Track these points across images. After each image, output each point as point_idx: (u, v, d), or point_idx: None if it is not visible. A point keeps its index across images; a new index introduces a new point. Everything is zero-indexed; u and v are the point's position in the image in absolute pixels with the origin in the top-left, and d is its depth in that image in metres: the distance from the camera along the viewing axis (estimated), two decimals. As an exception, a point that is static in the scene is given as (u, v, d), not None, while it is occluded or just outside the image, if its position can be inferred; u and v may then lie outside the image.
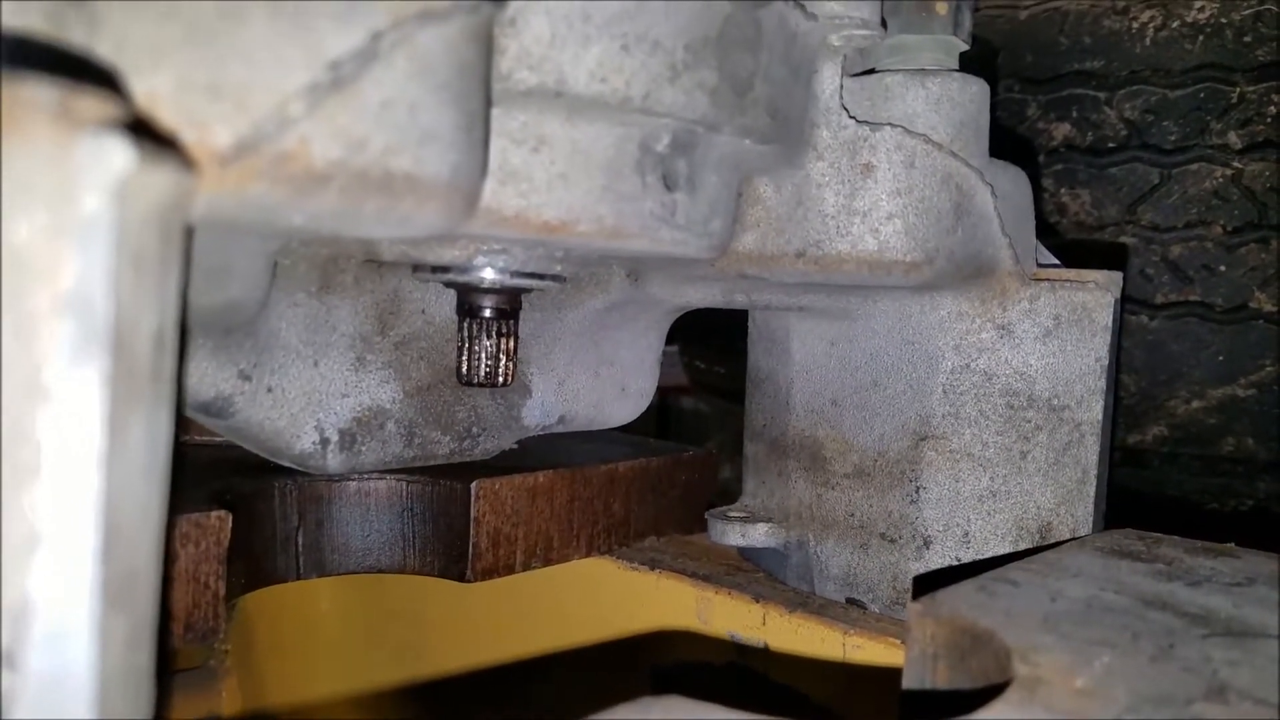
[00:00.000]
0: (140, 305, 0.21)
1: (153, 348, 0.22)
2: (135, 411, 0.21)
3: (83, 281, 0.19)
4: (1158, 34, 0.88)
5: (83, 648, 0.20)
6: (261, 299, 0.46)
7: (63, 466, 0.19)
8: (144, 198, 0.21)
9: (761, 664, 0.60)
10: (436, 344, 0.60)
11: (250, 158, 0.26)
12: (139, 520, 0.22)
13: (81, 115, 0.19)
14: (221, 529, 0.49)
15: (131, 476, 0.21)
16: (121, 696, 0.22)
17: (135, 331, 0.21)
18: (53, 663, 0.20)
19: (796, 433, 0.63)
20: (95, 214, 0.19)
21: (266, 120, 0.26)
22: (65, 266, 0.19)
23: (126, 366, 0.21)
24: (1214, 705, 0.33)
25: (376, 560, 0.61)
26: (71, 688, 0.20)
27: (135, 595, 0.22)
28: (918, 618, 0.41)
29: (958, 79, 0.52)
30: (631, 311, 0.68)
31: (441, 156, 0.32)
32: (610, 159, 0.42)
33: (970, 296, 0.55)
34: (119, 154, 0.20)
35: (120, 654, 0.21)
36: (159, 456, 0.24)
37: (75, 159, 0.19)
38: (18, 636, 0.19)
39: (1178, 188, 0.88)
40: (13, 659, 0.19)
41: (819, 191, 0.52)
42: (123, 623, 0.21)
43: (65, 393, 0.19)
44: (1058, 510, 0.57)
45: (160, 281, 0.22)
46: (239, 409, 0.51)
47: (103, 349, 0.20)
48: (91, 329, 0.19)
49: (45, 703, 0.20)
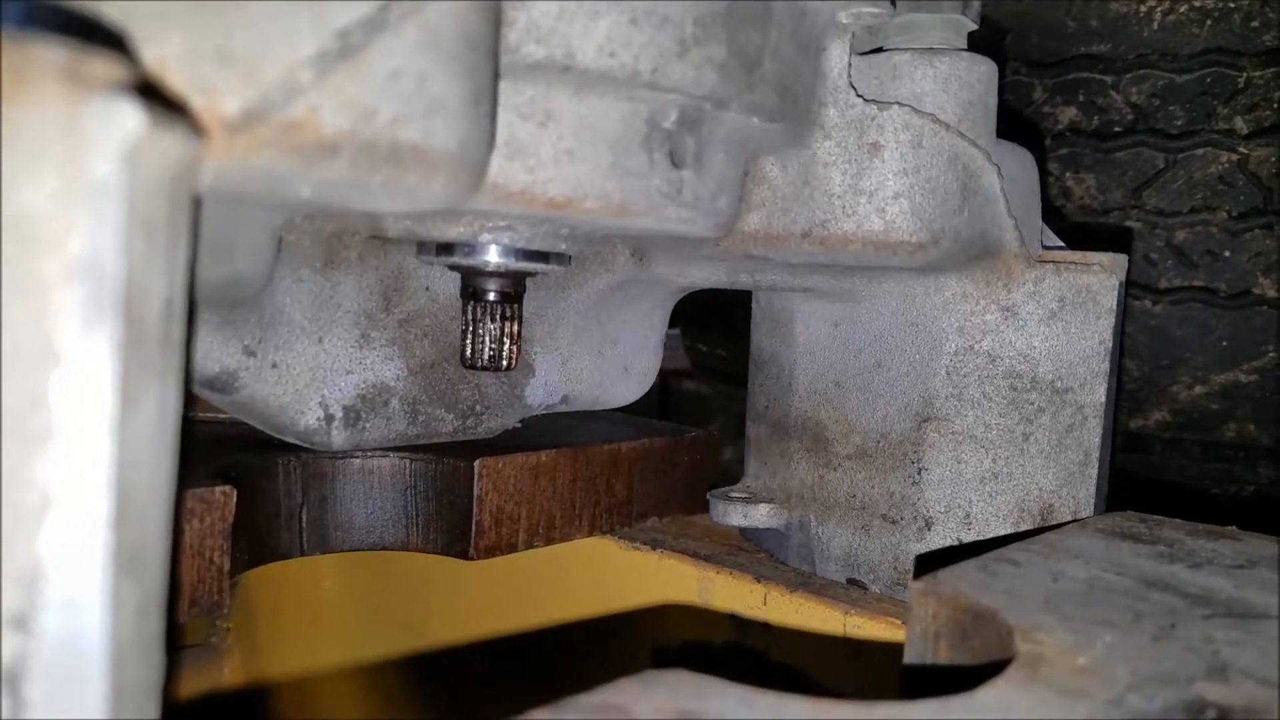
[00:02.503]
0: (150, 272, 0.21)
1: (162, 316, 0.22)
2: (146, 379, 0.21)
3: (93, 247, 0.19)
4: (1165, 18, 0.88)
5: (96, 613, 0.20)
6: (266, 274, 0.46)
7: (75, 432, 0.19)
8: (154, 163, 0.20)
9: (762, 643, 0.61)
10: (440, 322, 0.60)
11: (259, 126, 0.26)
12: (149, 489, 0.22)
13: (92, 77, 0.19)
14: (226, 504, 0.50)
15: (142, 444, 0.21)
16: (134, 663, 0.22)
17: (145, 298, 0.21)
18: (66, 627, 0.20)
19: (799, 414, 0.63)
20: (106, 178, 0.19)
21: (275, 88, 0.25)
22: (75, 232, 0.19)
23: (137, 333, 0.21)
24: (1216, 684, 0.33)
25: (380, 537, 0.61)
26: (85, 653, 0.20)
27: (146, 563, 0.22)
28: (919, 596, 0.41)
29: (966, 58, 0.52)
30: (636, 291, 0.67)
31: (449, 128, 0.32)
32: (617, 135, 0.42)
33: (975, 278, 0.55)
34: (130, 117, 0.19)
35: (132, 621, 0.21)
36: (169, 426, 0.24)
37: (85, 122, 0.19)
38: (30, 601, 0.19)
39: (1183, 173, 0.87)
40: (25, 623, 0.19)
41: (826, 171, 0.51)
42: (134, 589, 0.21)
43: (77, 358, 0.19)
44: (1059, 492, 0.57)
45: (170, 249, 0.22)
46: (244, 384, 0.51)
47: (114, 314, 0.19)
48: (102, 294, 0.19)
49: (59, 667, 0.20)
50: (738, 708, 0.29)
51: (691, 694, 0.30)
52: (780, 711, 0.29)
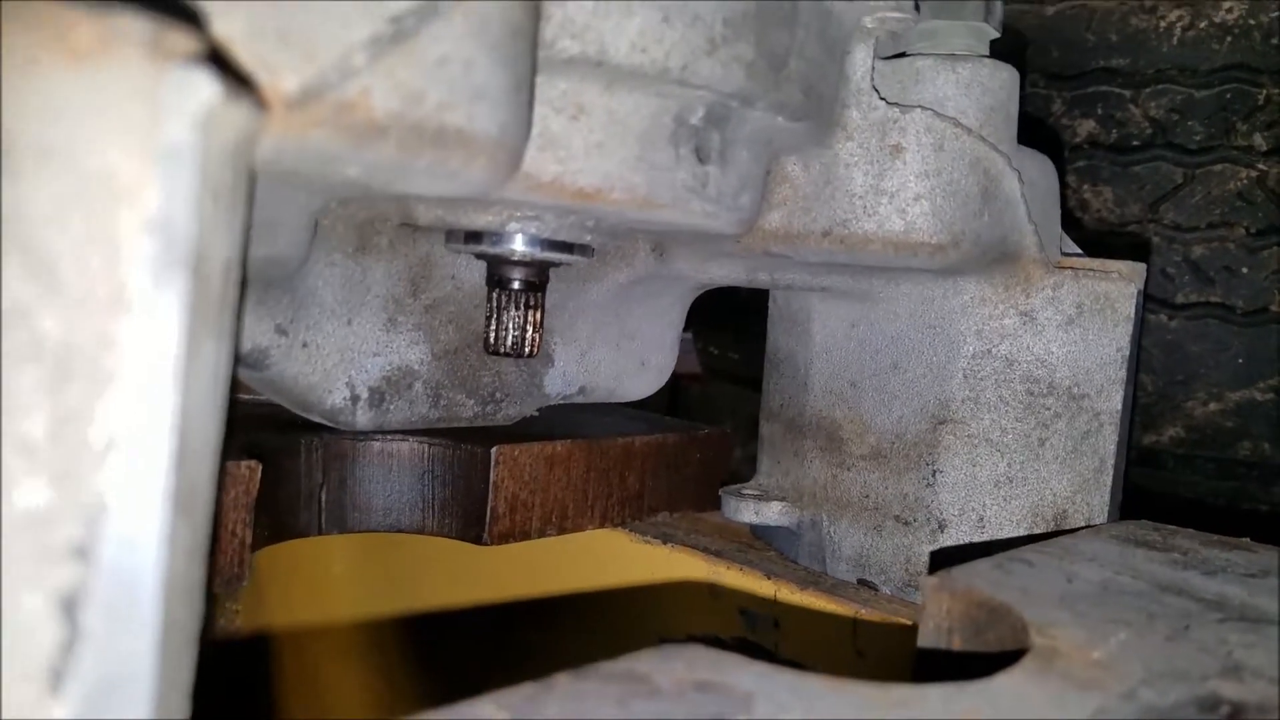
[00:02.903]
0: (215, 234, 0.22)
1: (223, 277, 0.23)
2: (206, 335, 0.22)
3: (167, 204, 0.20)
4: (1185, 33, 0.88)
5: (152, 550, 0.21)
6: (303, 256, 0.47)
7: (143, 375, 0.21)
8: (223, 131, 0.22)
9: (771, 640, 0.61)
10: (465, 309, 0.61)
11: (314, 105, 0.27)
12: (204, 438, 0.23)
13: (172, 48, 0.20)
14: (251, 479, 0.51)
15: (200, 395, 0.22)
16: (181, 604, 0.23)
17: (209, 258, 0.22)
18: (124, 562, 0.21)
19: (814, 413, 0.63)
20: (181, 142, 0.20)
21: (331, 69, 0.27)
22: (151, 189, 0.20)
23: (201, 290, 0.22)
24: (1229, 682, 0.33)
25: (396, 520, 0.62)
26: (140, 587, 0.21)
27: (196, 509, 0.23)
28: (934, 591, 0.42)
29: (988, 65, 0.53)
30: (655, 287, 0.68)
31: (491, 114, 0.33)
32: (646, 129, 0.43)
33: (994, 282, 0.56)
34: (205, 86, 0.21)
35: (183, 562, 0.22)
36: (221, 385, 0.25)
37: (165, 89, 0.20)
38: (91, 533, 0.21)
39: (1201, 188, 0.88)
40: (85, 553, 0.21)
41: (847, 171, 0.52)
42: (187, 531, 0.22)
43: (147, 306, 0.20)
44: (1074, 498, 0.57)
45: (231, 215, 0.23)
46: (274, 362, 0.52)
47: (183, 269, 0.21)
48: (173, 250, 0.20)
49: (115, 600, 0.21)
50: (757, 681, 0.30)
51: (709, 666, 0.30)
52: (798, 686, 0.30)
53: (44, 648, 0.22)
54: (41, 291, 0.20)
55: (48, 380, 0.20)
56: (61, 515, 0.21)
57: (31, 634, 0.22)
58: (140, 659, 0.22)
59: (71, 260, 0.20)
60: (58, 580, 0.22)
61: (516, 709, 0.27)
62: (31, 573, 0.21)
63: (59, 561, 0.21)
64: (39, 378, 0.20)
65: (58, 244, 0.20)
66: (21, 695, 0.22)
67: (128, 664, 0.22)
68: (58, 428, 0.21)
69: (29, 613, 0.22)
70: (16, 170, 0.20)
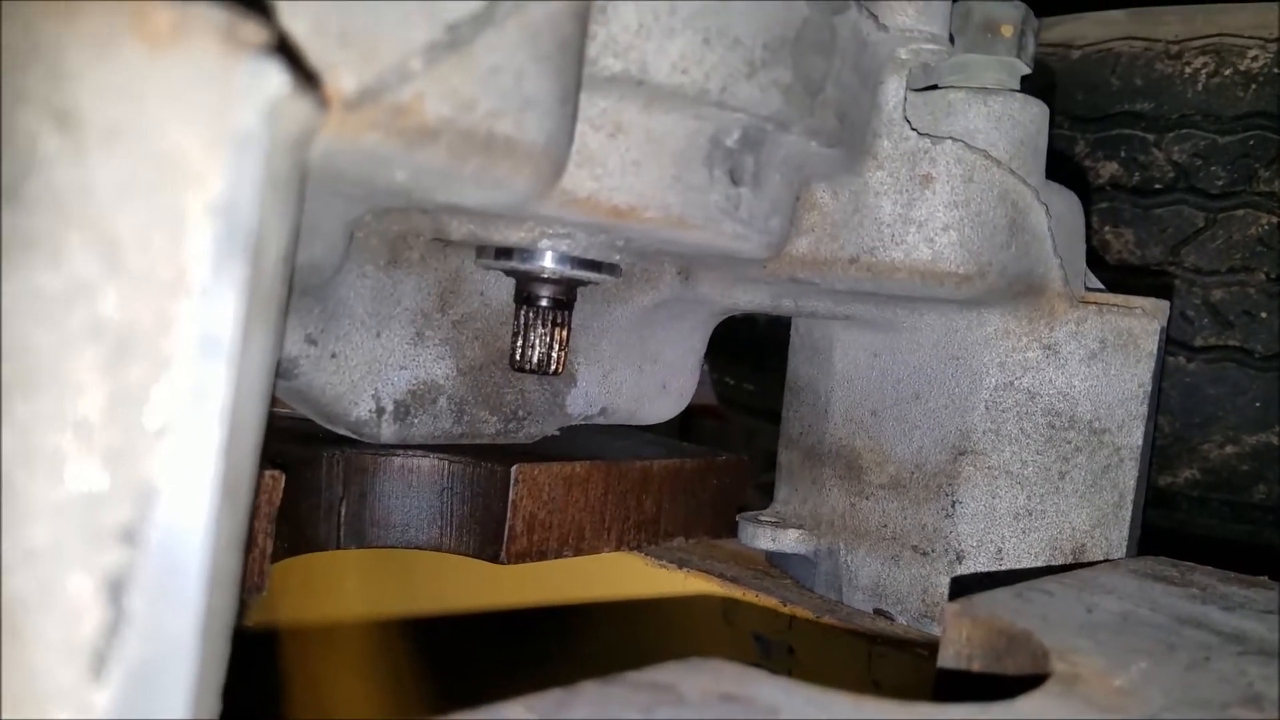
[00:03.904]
0: (272, 226, 0.23)
1: (276, 270, 0.24)
2: (259, 326, 0.23)
3: (232, 190, 0.21)
4: (1210, 80, 0.89)
5: (199, 536, 0.21)
6: (338, 264, 0.48)
7: (199, 360, 0.21)
8: (288, 123, 0.22)
9: (785, 666, 0.61)
10: (491, 326, 0.62)
11: (370, 107, 0.27)
12: (250, 430, 0.23)
13: (246, 38, 0.21)
14: (274, 489, 0.51)
15: (250, 387, 0.23)
16: (222, 592, 0.23)
17: (267, 249, 0.22)
18: (171, 546, 0.21)
19: (834, 441, 0.63)
20: (250, 129, 0.21)
21: (389, 72, 0.27)
22: (218, 174, 0.21)
23: (257, 279, 0.22)
24: (1250, 710, 0.33)
25: (414, 536, 0.62)
26: (185, 573, 0.21)
27: (240, 501, 0.23)
28: (954, 618, 0.42)
29: (1019, 99, 0.53)
30: (679, 310, 0.69)
31: (539, 124, 0.33)
32: (682, 149, 0.44)
33: (1018, 315, 0.56)
34: (275, 77, 0.21)
35: (226, 551, 0.23)
36: (267, 378, 0.25)
37: (236, 76, 0.21)
38: (141, 516, 0.21)
39: (1223, 232, 0.88)
40: (134, 537, 0.21)
41: (876, 200, 0.53)
42: (230, 522, 0.22)
43: (207, 291, 0.21)
44: (1092, 532, 0.57)
45: (288, 208, 0.24)
46: (303, 371, 0.52)
47: (244, 255, 0.21)
48: (236, 235, 0.21)
49: (162, 584, 0.21)
50: (781, 696, 0.30)
51: (736, 680, 0.30)
52: (821, 702, 0.30)
53: (89, 629, 0.22)
54: (104, 270, 0.20)
55: (106, 360, 0.21)
56: (113, 497, 0.22)
57: (78, 615, 0.22)
58: (182, 644, 0.22)
59: (135, 240, 0.20)
60: (106, 562, 0.22)
61: (544, 711, 0.27)
62: (81, 553, 0.22)
63: (108, 543, 0.22)
64: (98, 357, 0.21)
65: (122, 223, 0.20)
66: (64, 675, 0.22)
67: (170, 649, 0.22)
68: (114, 409, 0.21)
69: (76, 593, 0.22)
70: (85, 148, 0.20)
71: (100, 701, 0.22)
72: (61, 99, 0.20)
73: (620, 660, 0.70)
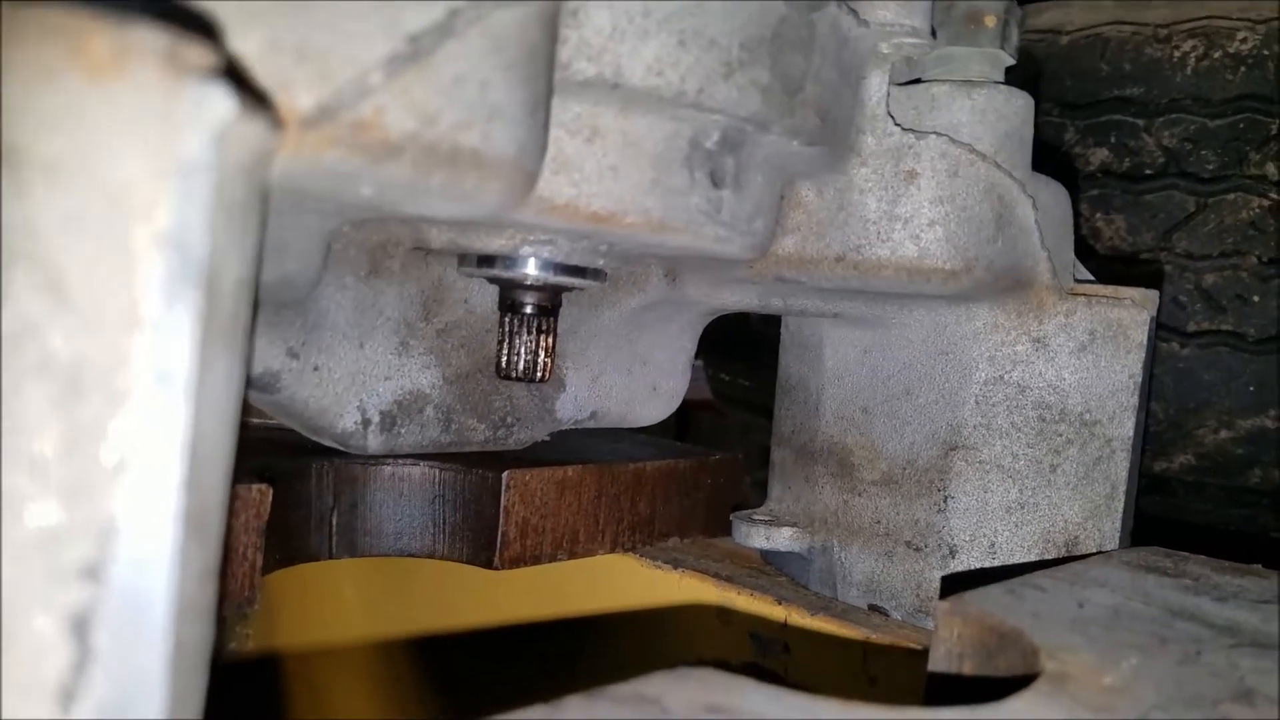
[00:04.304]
0: (228, 252, 0.22)
1: (235, 295, 0.23)
2: (218, 354, 0.22)
3: (181, 220, 0.20)
4: (1199, 63, 0.89)
5: (164, 570, 0.21)
6: (315, 279, 0.47)
7: (155, 394, 0.20)
8: (239, 148, 0.22)
9: (781, 664, 0.61)
10: (477, 333, 0.61)
11: (329, 124, 0.27)
12: (216, 459, 0.23)
13: (189, 62, 0.20)
14: (262, 502, 0.51)
15: (212, 415, 0.22)
16: (193, 625, 0.23)
17: (222, 276, 0.22)
18: (135, 582, 0.21)
19: (825, 439, 0.63)
20: (196, 157, 0.20)
21: (347, 87, 0.27)
22: (165, 205, 0.20)
23: (214, 308, 0.22)
24: (1241, 707, 0.33)
25: (407, 544, 0.62)
26: (151, 608, 0.21)
27: (208, 532, 0.23)
28: (945, 616, 0.42)
29: (1003, 91, 0.53)
30: (667, 312, 0.68)
31: (508, 135, 0.33)
32: (660, 153, 0.43)
33: (1006, 308, 0.56)
34: (222, 102, 0.21)
35: (195, 584, 0.22)
36: (233, 404, 0.25)
37: (181, 103, 0.20)
38: (103, 553, 0.20)
39: (1214, 216, 0.88)
40: (96, 573, 0.20)
41: (861, 197, 0.52)
42: (199, 553, 0.22)
43: (160, 324, 0.20)
44: (1085, 525, 0.57)
45: (244, 232, 0.23)
46: (285, 385, 0.52)
47: (196, 286, 0.21)
48: (187, 266, 0.20)
49: (126, 621, 0.21)
50: (768, 705, 0.29)
51: (722, 690, 0.30)
52: (809, 710, 0.29)
53: (55, 667, 0.22)
54: (51, 308, 0.20)
55: (58, 398, 0.20)
56: (72, 535, 0.21)
57: (43, 654, 0.22)
58: (151, 680, 0.22)
59: (82, 276, 0.20)
60: (69, 600, 0.21)
61: (527, 732, 0.26)
62: (42, 593, 0.21)
63: (70, 582, 0.21)
64: (49, 395, 0.20)
65: (68, 259, 0.20)
66: (32, 714, 0.22)
67: (139, 685, 0.22)
68: (68, 447, 0.21)
69: (40, 633, 0.22)
70: (26, 183, 0.20)
71: (69, 740, 0.22)
72: (0, 132, 0.20)
73: (616, 662, 0.70)
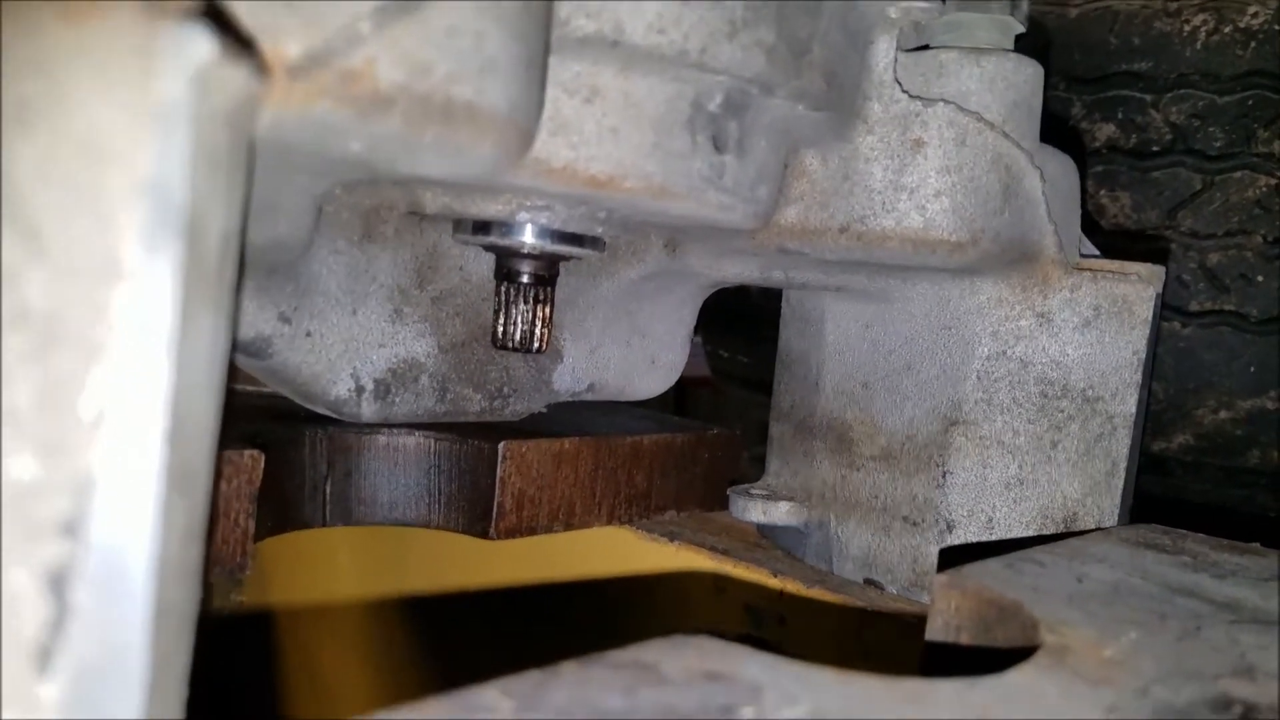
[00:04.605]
0: (211, 203, 0.21)
1: (220, 249, 0.22)
2: (202, 308, 0.22)
3: (160, 167, 0.19)
4: (1209, 38, 0.87)
5: (146, 527, 0.20)
6: (306, 241, 0.47)
7: (135, 346, 0.20)
8: (221, 93, 0.21)
9: (776, 637, 0.61)
10: (472, 301, 0.60)
11: (318, 73, 0.26)
12: (201, 416, 0.22)
13: (167, 4, 0.19)
14: (254, 468, 0.50)
15: (196, 371, 0.22)
16: (177, 585, 0.22)
17: (205, 227, 0.21)
18: (115, 539, 0.20)
19: (825, 414, 0.62)
20: (175, 101, 0.20)
21: (336, 36, 0.26)
22: (143, 151, 0.19)
23: (197, 260, 0.21)
24: (1242, 682, 0.33)
25: (402, 514, 0.62)
26: (132, 567, 0.20)
27: (194, 488, 0.22)
28: (943, 589, 0.41)
29: (1013, 59, 0.52)
30: (667, 283, 0.68)
31: (502, 89, 0.32)
32: (662, 115, 0.42)
33: (1011, 282, 0.55)
34: (201, 44, 0.20)
35: (178, 543, 0.22)
36: (218, 362, 0.24)
37: (158, 45, 0.19)
38: (81, 508, 0.20)
39: (1220, 195, 0.87)
40: (75, 529, 0.20)
41: (867, 166, 0.51)
42: (182, 512, 0.21)
43: (140, 275, 0.20)
44: (1084, 501, 0.56)
45: (229, 183, 0.23)
46: (277, 351, 0.51)
47: (177, 235, 0.20)
48: (168, 215, 0.20)
49: (106, 577, 0.20)
50: (766, 673, 0.29)
51: (719, 657, 0.30)
52: (807, 678, 0.29)
53: (32, 625, 0.21)
54: (27, 256, 0.19)
55: (33, 349, 0.20)
56: (49, 489, 0.21)
57: (19, 611, 0.21)
58: (132, 639, 0.22)
59: (58, 224, 0.19)
60: (46, 556, 0.21)
61: (522, 696, 0.26)
62: (18, 548, 0.21)
63: (47, 537, 0.21)
64: (25, 346, 0.20)
65: (43, 206, 0.19)
66: (10, 673, 0.21)
67: (119, 645, 0.21)
68: (44, 398, 0.20)
69: (16, 589, 0.21)
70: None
71: (47, 698, 0.21)
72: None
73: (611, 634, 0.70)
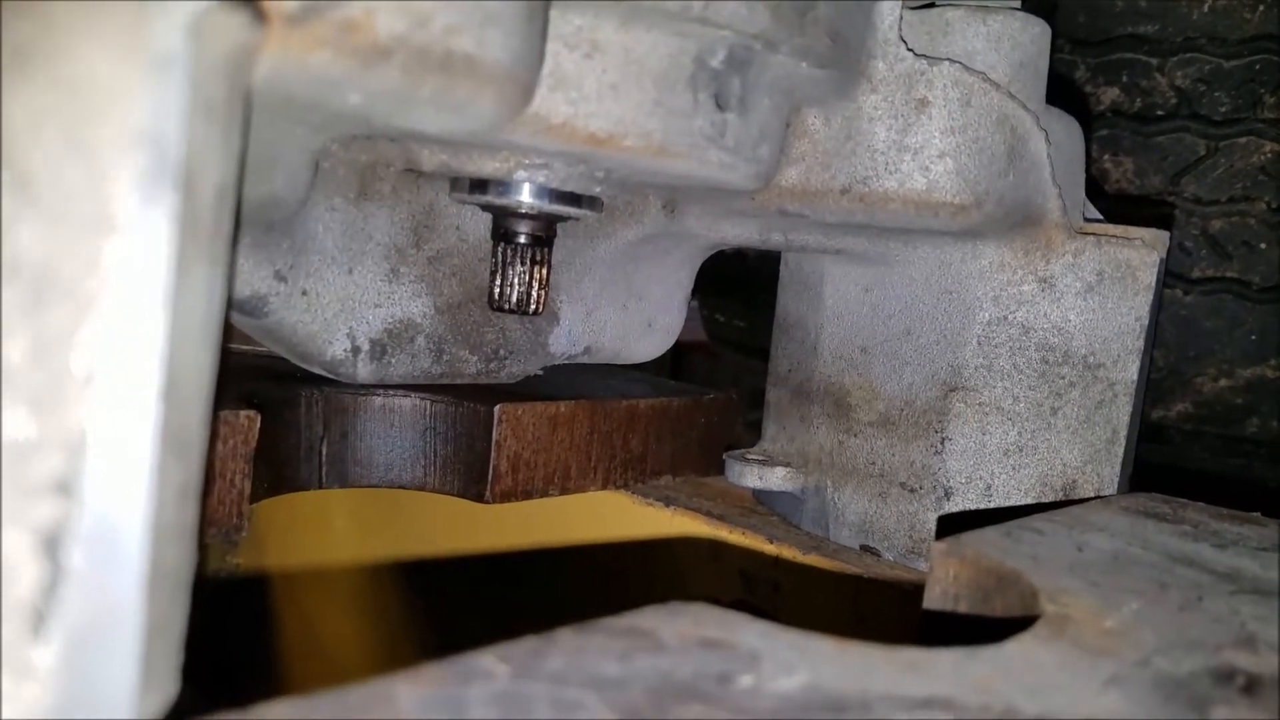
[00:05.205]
0: (207, 153, 0.21)
1: (215, 201, 0.22)
2: (198, 262, 0.21)
3: (155, 117, 0.19)
4: (1216, 1, 0.86)
5: (141, 485, 0.20)
6: (302, 197, 0.46)
7: (129, 300, 0.19)
8: (217, 41, 0.20)
9: (771, 603, 0.61)
10: (469, 262, 0.60)
11: (316, 22, 0.25)
12: (196, 372, 0.22)
13: (161, -56, 0.19)
14: (250, 429, 0.50)
15: (192, 326, 0.21)
16: (171, 546, 0.22)
17: (201, 179, 0.21)
18: (109, 498, 0.20)
19: (823, 379, 0.62)
20: (171, 49, 0.19)
21: (335, -16, 0.25)
22: (137, 100, 0.19)
23: (192, 213, 0.20)
24: (1244, 653, 0.33)
25: (398, 476, 0.61)
26: (127, 527, 0.20)
27: (189, 447, 0.22)
28: (941, 557, 0.41)
29: (1020, 18, 0.51)
30: (664, 245, 0.67)
31: (503, 41, 0.31)
32: (663, 71, 0.42)
33: (1014, 246, 0.54)
34: (197, -13, 0.19)
35: (173, 504, 0.21)
36: (214, 317, 0.23)
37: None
38: (74, 467, 0.19)
39: (1224, 160, 0.86)
40: (68, 488, 0.19)
41: (870, 126, 0.51)
42: (178, 470, 0.21)
43: (134, 226, 0.19)
44: (1084, 469, 0.56)
45: (225, 134, 0.22)
46: (273, 309, 0.51)
47: (174, 186, 0.19)
48: (163, 166, 0.19)
49: (100, 538, 0.20)
50: (762, 639, 0.29)
51: (716, 624, 0.30)
52: (804, 646, 0.29)
53: (25, 586, 0.21)
54: (19, 206, 0.19)
55: (25, 301, 0.19)
56: (42, 447, 0.20)
57: (13, 571, 0.21)
58: (127, 602, 0.21)
59: (50, 173, 0.18)
60: (39, 516, 0.20)
61: (519, 662, 0.26)
62: (11, 507, 0.20)
63: (40, 496, 0.20)
64: (17, 299, 0.19)
65: (35, 155, 0.18)
66: (4, 637, 0.21)
67: (114, 606, 0.21)
68: (37, 353, 0.19)
69: (10, 549, 0.21)
70: (-9, 74, 0.18)
71: (42, 661, 0.21)
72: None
73: (606, 599, 0.70)
